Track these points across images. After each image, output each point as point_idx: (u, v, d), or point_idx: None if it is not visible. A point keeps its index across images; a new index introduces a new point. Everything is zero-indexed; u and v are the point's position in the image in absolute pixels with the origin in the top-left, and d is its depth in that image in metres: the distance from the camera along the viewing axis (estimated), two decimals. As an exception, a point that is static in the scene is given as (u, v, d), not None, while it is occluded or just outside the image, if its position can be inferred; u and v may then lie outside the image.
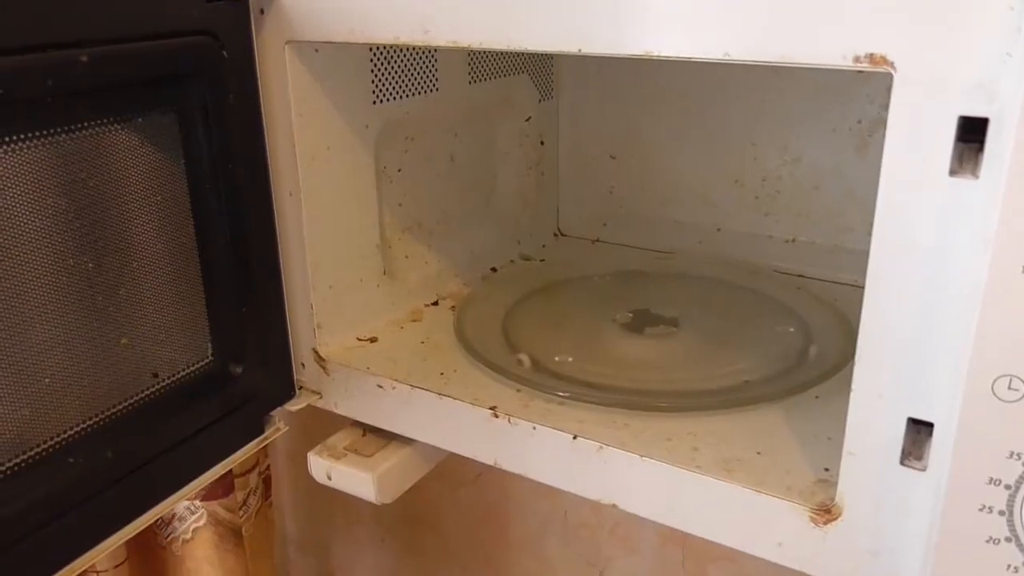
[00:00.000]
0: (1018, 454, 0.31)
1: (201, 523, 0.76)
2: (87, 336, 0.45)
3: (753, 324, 0.62)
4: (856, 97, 0.67)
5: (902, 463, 0.38)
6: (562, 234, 0.83)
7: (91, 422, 0.46)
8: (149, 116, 0.47)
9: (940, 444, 0.36)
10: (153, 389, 0.50)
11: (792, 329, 0.60)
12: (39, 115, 0.41)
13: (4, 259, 0.40)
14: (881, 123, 0.66)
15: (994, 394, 0.31)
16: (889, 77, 0.34)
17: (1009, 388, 0.31)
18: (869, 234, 0.67)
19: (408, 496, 0.59)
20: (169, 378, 0.51)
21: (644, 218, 0.79)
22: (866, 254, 0.68)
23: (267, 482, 0.88)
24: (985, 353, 0.31)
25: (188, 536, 0.76)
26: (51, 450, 0.44)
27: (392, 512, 1.07)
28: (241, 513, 0.78)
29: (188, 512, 0.75)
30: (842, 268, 0.69)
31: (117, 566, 0.76)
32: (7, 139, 0.39)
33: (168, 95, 0.48)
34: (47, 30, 0.40)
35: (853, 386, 0.39)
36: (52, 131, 0.41)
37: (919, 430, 0.37)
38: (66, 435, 0.45)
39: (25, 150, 0.40)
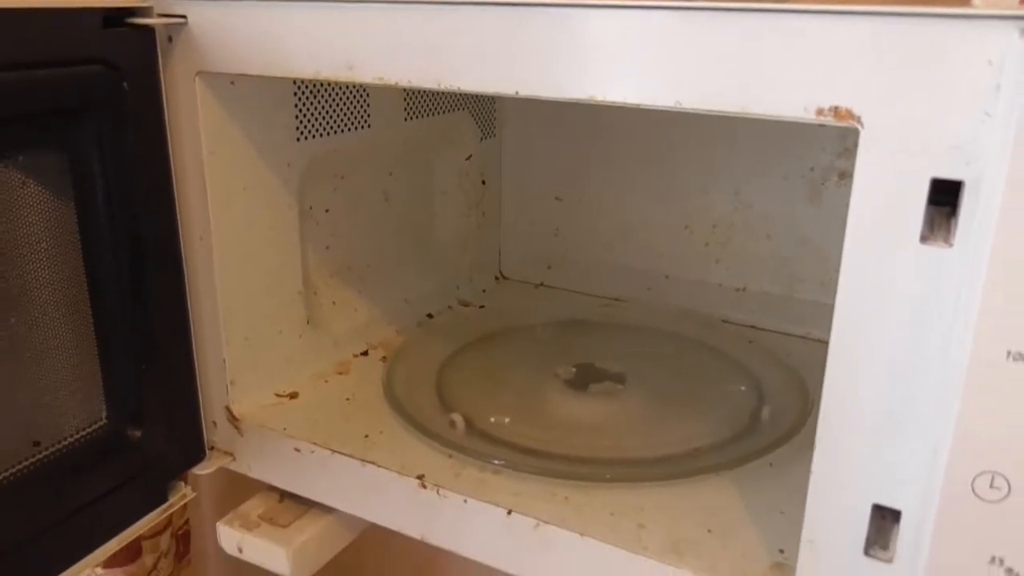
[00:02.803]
0: (1000, 559, 0.28)
1: (103, 592, 0.70)
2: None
3: (703, 381, 0.58)
4: (809, 143, 0.64)
5: (866, 553, 0.35)
6: (504, 277, 0.79)
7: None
8: (33, 154, 0.41)
9: (908, 534, 0.33)
10: (35, 459, 0.44)
11: (744, 387, 0.56)
12: None
13: None
14: (834, 171, 0.64)
15: (974, 492, 0.27)
16: (854, 132, 0.31)
17: (991, 486, 0.27)
18: (822, 285, 0.66)
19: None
20: (54, 446, 0.45)
21: (590, 263, 0.75)
22: (819, 305, 0.66)
23: (184, 539, 0.82)
24: (965, 446, 0.27)
25: (88, 607, 0.69)
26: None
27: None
28: (150, 580, 0.71)
29: (88, 581, 0.69)
30: (794, 320, 0.66)
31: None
32: None
33: (57, 131, 0.43)
34: None
35: (813, 468, 0.35)
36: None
37: (884, 516, 0.34)
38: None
39: None
